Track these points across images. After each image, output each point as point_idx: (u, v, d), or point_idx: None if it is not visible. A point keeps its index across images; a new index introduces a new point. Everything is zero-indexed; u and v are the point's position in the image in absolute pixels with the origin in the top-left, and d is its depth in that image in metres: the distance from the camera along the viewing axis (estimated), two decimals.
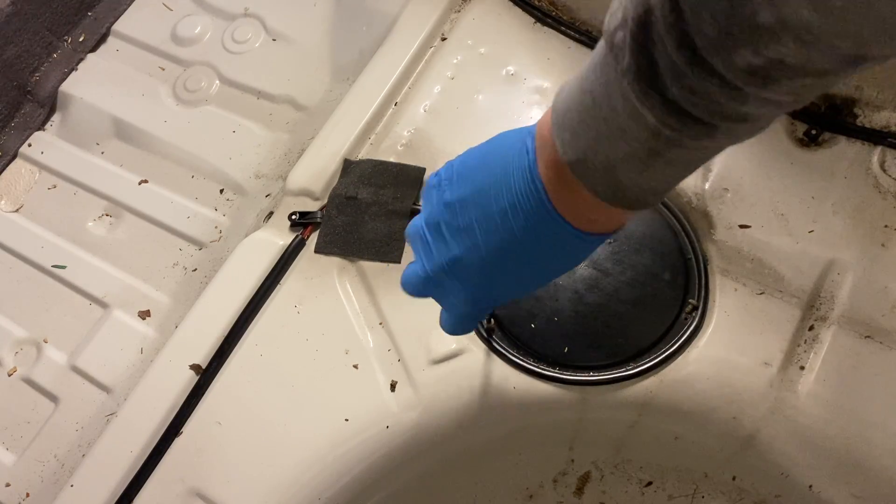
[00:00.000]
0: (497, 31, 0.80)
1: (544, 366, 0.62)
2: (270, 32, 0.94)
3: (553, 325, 0.64)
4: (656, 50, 0.28)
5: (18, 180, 0.92)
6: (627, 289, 0.64)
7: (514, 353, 0.63)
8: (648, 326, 0.63)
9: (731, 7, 0.24)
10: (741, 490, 0.69)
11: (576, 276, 0.65)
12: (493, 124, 0.74)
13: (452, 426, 0.64)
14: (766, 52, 0.25)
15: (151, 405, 0.66)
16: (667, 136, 0.30)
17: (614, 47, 0.30)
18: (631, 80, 0.29)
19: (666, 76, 0.28)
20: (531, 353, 0.63)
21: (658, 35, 0.27)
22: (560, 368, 0.62)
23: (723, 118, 0.29)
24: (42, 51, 0.96)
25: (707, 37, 0.26)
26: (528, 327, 0.64)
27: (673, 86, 0.28)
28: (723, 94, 0.28)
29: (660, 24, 0.27)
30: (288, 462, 0.62)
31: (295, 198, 0.75)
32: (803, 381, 0.60)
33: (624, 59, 0.29)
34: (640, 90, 0.29)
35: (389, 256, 0.69)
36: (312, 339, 0.67)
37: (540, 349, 0.63)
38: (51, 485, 0.71)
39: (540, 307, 0.64)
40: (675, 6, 0.26)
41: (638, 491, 0.75)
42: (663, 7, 0.26)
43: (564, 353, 0.63)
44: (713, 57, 0.26)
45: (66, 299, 0.82)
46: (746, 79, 0.27)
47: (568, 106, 0.34)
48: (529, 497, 0.78)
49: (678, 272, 0.64)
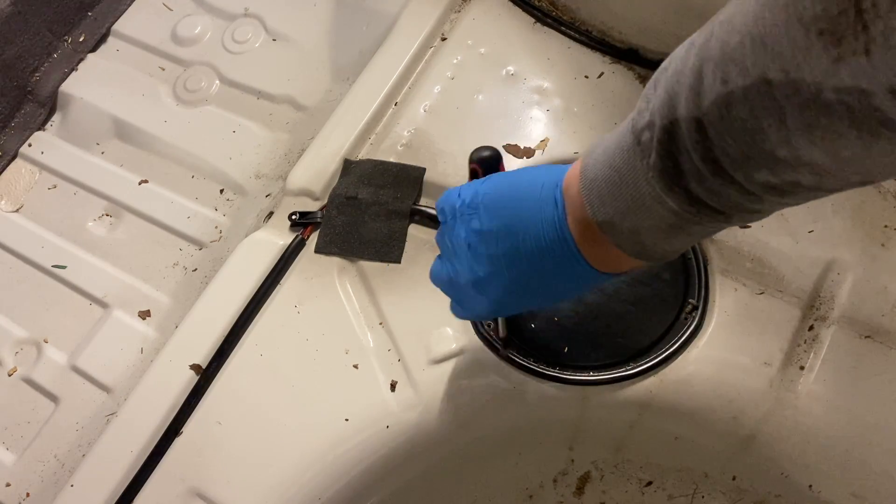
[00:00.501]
0: (497, 31, 0.80)
1: (544, 365, 0.62)
2: (270, 32, 0.94)
3: (553, 325, 0.64)
4: (681, 156, 0.31)
5: (18, 180, 0.92)
6: (627, 289, 0.64)
7: (515, 354, 0.63)
8: (648, 326, 0.63)
9: (753, 140, 0.28)
10: (741, 490, 0.69)
11: None
12: (493, 124, 0.74)
13: (452, 426, 0.64)
14: (784, 176, 0.28)
15: (151, 405, 0.66)
16: (688, 218, 0.34)
17: (641, 143, 0.33)
18: (656, 175, 0.32)
19: (689, 177, 0.31)
20: (531, 353, 0.63)
21: (684, 146, 0.30)
22: (560, 368, 0.62)
23: (739, 211, 0.32)
24: (42, 51, 0.96)
25: (730, 157, 0.29)
26: (528, 327, 0.64)
27: (695, 185, 0.31)
28: (741, 197, 0.31)
29: (686, 139, 0.30)
30: (288, 462, 0.62)
31: (295, 198, 0.75)
32: (803, 381, 0.60)
33: (650, 156, 0.32)
34: (664, 185, 0.32)
35: (389, 256, 0.69)
36: (312, 339, 0.67)
37: (540, 349, 0.63)
38: (51, 485, 0.71)
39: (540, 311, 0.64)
40: (701, 128, 0.29)
41: (638, 491, 0.75)
42: (689, 126, 0.30)
43: (564, 352, 0.63)
44: (735, 172, 0.30)
45: (66, 299, 0.82)
46: (765, 191, 0.30)
47: (596, 175, 0.37)
48: (529, 497, 0.78)
49: (678, 272, 0.64)
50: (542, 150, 0.72)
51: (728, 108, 0.28)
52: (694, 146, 0.30)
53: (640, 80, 0.74)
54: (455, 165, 0.72)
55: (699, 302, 0.63)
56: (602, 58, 0.77)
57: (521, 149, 0.73)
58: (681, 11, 0.70)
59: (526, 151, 0.72)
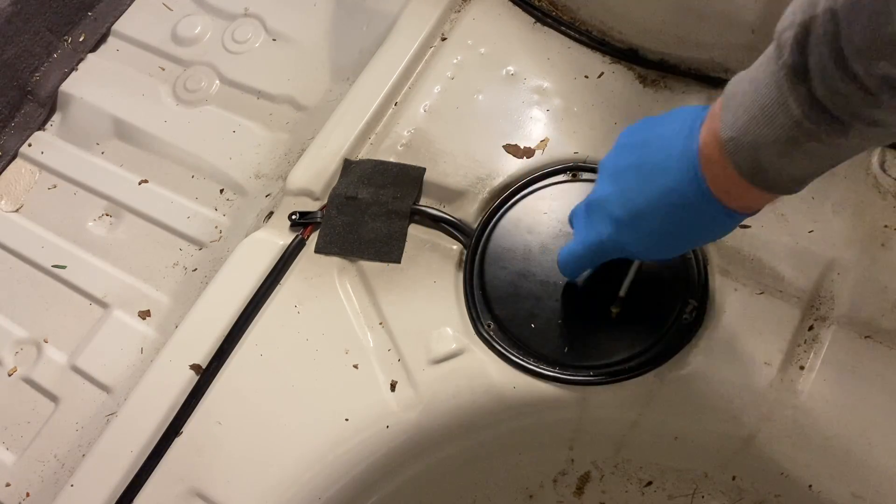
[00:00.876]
0: (497, 31, 0.80)
1: (544, 366, 0.62)
2: (270, 32, 0.94)
3: (553, 325, 0.64)
4: (811, 51, 0.33)
5: (18, 180, 0.92)
6: (628, 289, 0.64)
7: (515, 353, 0.63)
8: (649, 326, 0.62)
9: (877, 24, 0.30)
10: (741, 490, 0.69)
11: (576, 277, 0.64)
12: (493, 124, 0.74)
13: (452, 426, 0.64)
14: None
15: (151, 405, 0.66)
16: (806, 129, 0.36)
17: (780, 44, 0.35)
18: (786, 72, 0.35)
19: (815, 75, 0.34)
20: (531, 354, 0.63)
21: (816, 39, 0.33)
22: (560, 368, 0.62)
23: (856, 118, 0.34)
24: (42, 51, 0.96)
25: (854, 46, 0.31)
26: (529, 327, 0.64)
27: (819, 84, 0.34)
28: (859, 97, 0.33)
29: (819, 31, 0.33)
30: (288, 461, 0.62)
31: (295, 198, 0.75)
32: (803, 381, 0.60)
33: (785, 54, 0.35)
34: (791, 82, 0.35)
35: (389, 256, 0.69)
36: (312, 339, 0.67)
37: (540, 349, 0.63)
38: (51, 485, 0.71)
39: (540, 307, 0.64)
40: (835, 18, 0.31)
41: (638, 491, 0.75)
42: (825, 18, 0.32)
43: (564, 352, 0.62)
44: (856, 63, 0.32)
45: (66, 299, 0.82)
46: (881, 87, 0.32)
47: (735, 90, 0.40)
48: (529, 497, 0.78)
49: (678, 272, 0.64)
50: (542, 150, 0.72)
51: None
52: (823, 38, 0.32)
53: (640, 80, 0.74)
54: (455, 165, 0.72)
55: (699, 302, 0.63)
56: (602, 58, 0.77)
57: (521, 149, 0.73)
58: (681, 11, 0.70)
59: (526, 151, 0.72)
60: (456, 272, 0.68)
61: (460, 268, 0.69)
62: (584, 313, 0.64)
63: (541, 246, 0.66)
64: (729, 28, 0.68)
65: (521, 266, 0.66)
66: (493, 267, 0.66)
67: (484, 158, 0.72)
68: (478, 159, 0.72)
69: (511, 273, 0.66)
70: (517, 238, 0.67)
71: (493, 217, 0.69)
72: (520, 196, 0.69)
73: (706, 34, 0.70)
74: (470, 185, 0.71)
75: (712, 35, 0.70)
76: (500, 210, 0.69)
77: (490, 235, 0.68)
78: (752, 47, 0.68)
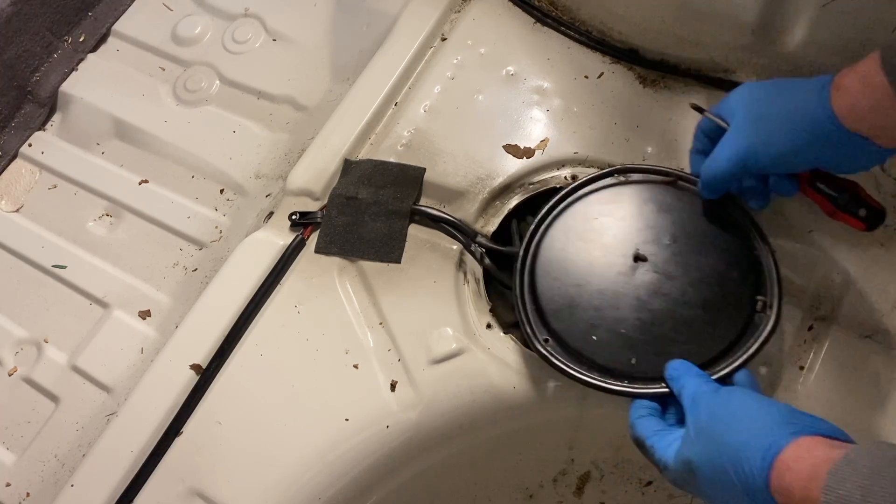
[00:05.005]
0: (497, 31, 0.80)
1: (611, 379, 0.57)
2: (270, 32, 0.94)
3: (616, 335, 0.59)
4: None
5: (19, 180, 0.92)
6: (693, 291, 0.59)
7: (577, 368, 0.58)
8: (720, 329, 0.58)
9: None
10: None
11: (637, 282, 0.60)
12: (493, 124, 0.74)
13: (452, 426, 0.64)
14: None
15: (152, 405, 0.66)
16: None
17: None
18: None
19: None
20: (595, 368, 0.58)
21: None
22: (629, 381, 0.57)
23: None
24: (42, 51, 0.96)
25: None
26: (590, 340, 0.59)
27: None
28: None
29: None
30: (288, 461, 0.62)
31: (295, 198, 0.75)
32: (803, 381, 0.60)
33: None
34: None
35: (389, 256, 0.69)
36: (312, 339, 0.67)
37: (604, 362, 0.58)
38: (51, 484, 0.71)
39: (600, 317, 0.59)
40: None
41: (638, 491, 0.75)
42: None
43: (631, 364, 0.57)
44: None
45: (67, 299, 0.82)
46: None
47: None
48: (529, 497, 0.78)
49: (747, 269, 0.59)
50: (541, 150, 0.72)
51: None
52: None
53: (640, 80, 0.74)
54: (455, 165, 0.72)
55: (771, 298, 0.58)
56: (602, 58, 0.77)
57: (521, 149, 0.73)
58: (681, 11, 0.70)
59: (526, 151, 0.72)
60: (456, 272, 0.68)
61: (460, 268, 0.69)
62: (648, 322, 0.59)
63: (595, 253, 0.62)
64: (729, 28, 0.68)
65: (576, 276, 0.61)
66: (545, 279, 0.62)
67: (484, 158, 0.72)
68: (478, 159, 0.72)
69: (565, 284, 0.61)
70: (569, 247, 0.63)
71: (540, 227, 0.65)
72: (566, 203, 0.65)
73: (706, 34, 0.70)
74: (470, 185, 0.71)
75: (712, 35, 0.70)
76: (546, 220, 0.65)
77: (539, 246, 0.64)
78: (752, 47, 0.68)
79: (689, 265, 0.60)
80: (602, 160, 0.71)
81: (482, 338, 0.65)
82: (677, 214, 0.62)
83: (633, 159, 0.70)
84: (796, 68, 0.68)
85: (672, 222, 0.62)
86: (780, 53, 0.67)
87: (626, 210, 0.63)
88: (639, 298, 0.60)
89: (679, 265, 0.60)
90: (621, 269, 0.61)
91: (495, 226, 0.70)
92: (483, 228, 0.70)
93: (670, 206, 0.63)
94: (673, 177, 0.64)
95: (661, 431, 0.51)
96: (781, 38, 0.66)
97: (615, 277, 0.60)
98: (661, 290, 0.60)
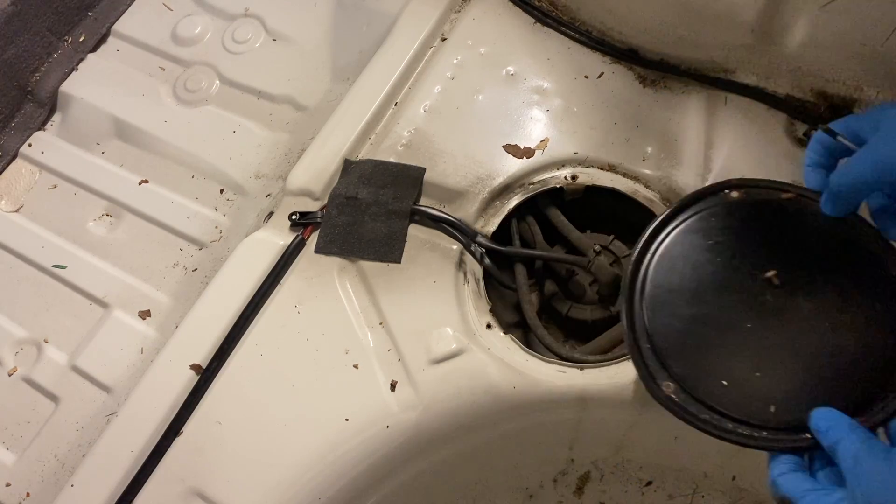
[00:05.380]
0: (497, 31, 0.80)
1: (747, 430, 0.49)
2: (270, 32, 0.94)
3: (751, 378, 0.50)
4: None
5: (19, 180, 0.92)
6: (833, 323, 0.51)
7: (709, 419, 0.50)
8: (867, 366, 0.49)
9: None
10: (741, 490, 0.69)
11: (768, 315, 0.52)
12: (493, 124, 0.74)
13: (452, 426, 0.64)
14: None
15: (152, 405, 0.66)
16: None
17: None
18: None
19: None
20: (728, 417, 0.49)
21: None
22: (770, 432, 0.48)
23: None
24: (42, 51, 0.96)
25: None
26: (720, 385, 0.50)
27: None
28: None
29: None
30: (288, 462, 0.62)
31: (295, 198, 0.75)
32: None
33: None
34: None
35: (389, 256, 0.69)
36: (312, 339, 0.67)
37: (739, 411, 0.49)
38: (51, 485, 0.71)
39: (730, 358, 0.51)
40: None
41: (638, 491, 0.75)
42: None
43: (770, 412, 0.49)
44: None
45: (67, 299, 0.82)
46: None
47: None
48: (529, 497, 0.78)
49: (890, 295, 0.51)
50: (542, 151, 0.72)
51: None
52: None
53: (640, 80, 0.74)
54: (455, 165, 0.72)
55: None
56: (602, 58, 0.77)
57: (521, 149, 0.73)
58: (681, 12, 0.70)
59: (526, 151, 0.72)
60: (456, 272, 0.68)
61: (460, 268, 0.69)
62: (786, 361, 0.50)
63: (717, 283, 0.54)
64: (729, 28, 0.68)
65: (696, 310, 0.53)
66: (659, 315, 0.54)
67: (484, 158, 0.72)
68: (478, 159, 0.73)
69: (683, 320, 0.53)
70: (684, 277, 0.55)
71: (645, 255, 0.56)
72: (672, 226, 0.57)
73: (706, 34, 0.70)
74: (470, 186, 0.71)
75: (712, 35, 0.70)
76: (652, 245, 0.57)
77: (646, 277, 0.55)
78: (752, 47, 0.68)
79: (824, 293, 0.52)
80: (602, 160, 0.71)
81: (482, 338, 0.65)
82: (803, 235, 0.54)
83: (633, 159, 0.70)
84: (796, 68, 0.68)
85: (798, 245, 0.54)
86: (780, 53, 0.67)
87: (743, 232, 0.55)
88: (771, 334, 0.51)
89: (813, 294, 0.52)
90: (749, 301, 0.52)
91: (495, 226, 0.70)
92: (483, 228, 0.70)
93: (793, 226, 0.55)
94: (793, 192, 0.56)
95: (816, 492, 0.44)
96: (781, 38, 0.66)
97: (743, 311, 0.52)
98: (797, 323, 0.51)
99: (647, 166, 0.70)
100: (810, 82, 0.68)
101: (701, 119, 0.71)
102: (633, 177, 0.71)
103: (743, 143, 0.69)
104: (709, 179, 0.68)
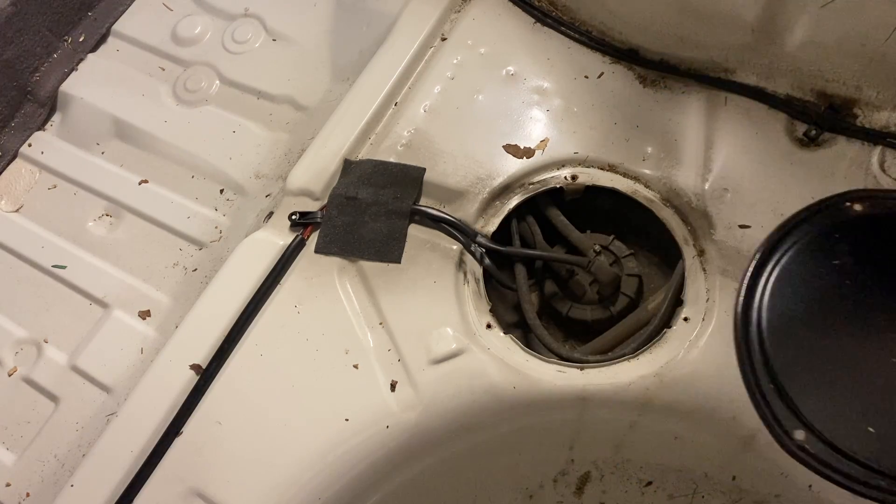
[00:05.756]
0: (497, 31, 0.80)
1: (892, 481, 0.42)
2: (270, 32, 0.94)
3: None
4: None
5: (18, 180, 0.92)
6: None
7: (855, 475, 0.43)
8: None
9: None
10: (741, 490, 0.69)
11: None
12: (493, 124, 0.74)
13: (452, 426, 0.64)
14: None
15: (152, 405, 0.66)
16: None
17: None
18: None
19: None
20: (879, 472, 0.43)
21: None
22: None
23: None
24: (42, 51, 0.96)
25: None
26: (865, 432, 0.43)
27: None
28: None
29: None
30: (288, 461, 0.62)
31: (295, 198, 0.75)
32: None
33: None
34: None
35: (389, 256, 0.69)
36: (312, 339, 0.67)
37: (893, 465, 0.42)
38: (51, 484, 0.71)
39: (875, 397, 0.44)
40: None
41: (638, 491, 0.75)
42: None
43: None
44: None
45: (66, 299, 0.82)
46: None
47: None
48: (529, 497, 0.78)
49: None
50: (541, 150, 0.72)
51: None
52: None
53: (640, 80, 0.74)
54: (455, 165, 0.72)
55: None
56: (602, 58, 0.77)
57: (521, 149, 0.73)
58: (681, 11, 0.70)
59: (526, 151, 0.72)
60: (456, 272, 0.68)
61: (460, 268, 0.69)
62: None
63: (850, 313, 0.47)
64: (729, 28, 0.68)
65: (827, 342, 0.46)
66: (782, 348, 0.47)
67: (484, 158, 0.72)
68: (478, 159, 0.72)
69: (813, 354, 0.46)
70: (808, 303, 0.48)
71: (758, 281, 0.49)
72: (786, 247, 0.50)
73: (706, 34, 0.70)
74: (470, 185, 0.71)
75: (712, 35, 0.70)
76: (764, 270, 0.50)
77: (762, 305, 0.49)
78: (752, 47, 0.68)
79: None
80: (602, 160, 0.71)
81: (482, 338, 0.65)
82: None
83: (633, 159, 0.70)
84: (796, 68, 0.68)
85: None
86: (780, 53, 0.67)
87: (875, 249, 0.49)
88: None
89: None
90: (891, 333, 0.46)
91: (495, 226, 0.70)
92: (483, 228, 0.70)
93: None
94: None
95: None
96: (781, 38, 0.66)
97: (887, 342, 0.45)
98: None
99: (647, 166, 0.70)
100: (810, 82, 0.68)
101: (701, 119, 0.71)
102: (633, 177, 0.71)
103: (743, 142, 0.69)
104: (709, 180, 0.68)
